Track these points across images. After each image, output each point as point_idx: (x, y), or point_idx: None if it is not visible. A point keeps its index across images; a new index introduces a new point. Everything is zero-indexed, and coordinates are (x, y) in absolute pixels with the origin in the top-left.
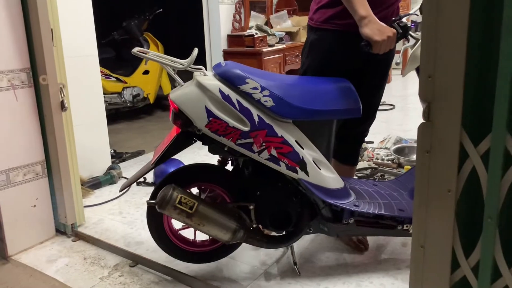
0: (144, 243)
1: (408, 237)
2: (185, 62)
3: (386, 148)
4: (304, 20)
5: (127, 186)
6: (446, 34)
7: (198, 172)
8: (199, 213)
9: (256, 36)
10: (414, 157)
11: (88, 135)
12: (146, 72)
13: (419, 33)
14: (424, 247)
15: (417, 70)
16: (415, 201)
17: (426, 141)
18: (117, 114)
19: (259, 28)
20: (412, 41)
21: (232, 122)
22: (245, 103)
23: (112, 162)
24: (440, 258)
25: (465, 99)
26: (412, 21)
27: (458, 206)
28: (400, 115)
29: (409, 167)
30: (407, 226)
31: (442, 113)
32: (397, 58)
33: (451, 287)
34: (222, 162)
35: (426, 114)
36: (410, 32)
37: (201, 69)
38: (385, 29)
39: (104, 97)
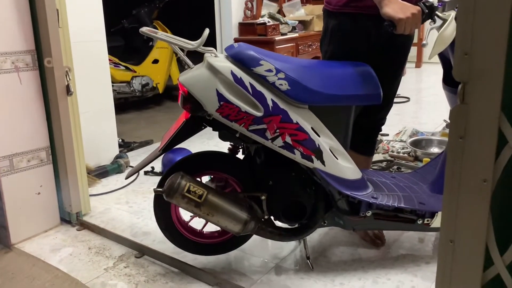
0: (151, 233)
1: (428, 232)
2: (195, 43)
3: (401, 140)
4: (317, 8)
5: (133, 173)
6: (485, 4)
7: (208, 160)
8: (208, 202)
9: (268, 24)
10: (432, 150)
11: (96, 123)
12: (155, 61)
13: (447, 13)
14: (454, 242)
15: (440, 55)
16: (445, 192)
17: (460, 126)
18: (126, 104)
19: (271, 17)
20: (438, 22)
21: (244, 107)
22: (259, 87)
23: (120, 151)
24: (471, 254)
25: (506, 79)
26: (439, 1)
27: (493, 197)
28: (414, 108)
29: (428, 159)
30: (427, 220)
31: (479, 94)
32: (424, 39)
33: (482, 286)
34: (233, 150)
35: (461, 95)
36: (436, 12)
37: (212, 50)
38: (408, 7)
39: (113, 86)
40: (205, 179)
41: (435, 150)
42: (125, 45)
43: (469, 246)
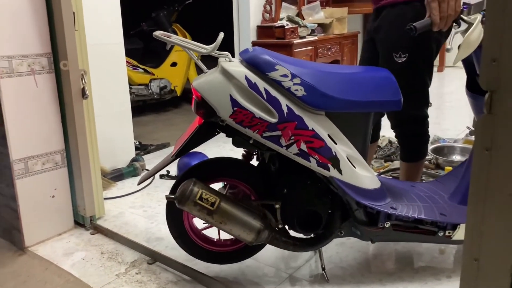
0: (164, 239)
1: (449, 244)
2: (209, 47)
3: None
4: (337, 11)
5: (146, 178)
6: None
7: (221, 166)
8: (221, 210)
9: (287, 27)
10: (454, 157)
11: (112, 126)
12: (174, 64)
13: (472, 17)
14: (479, 260)
15: (463, 60)
16: (469, 206)
17: (486, 137)
18: (144, 106)
19: (290, 19)
20: (463, 25)
21: (258, 113)
22: (274, 92)
23: (137, 154)
24: (497, 273)
25: None
26: (464, 3)
27: None
28: (436, 114)
29: (450, 168)
30: (449, 233)
31: (508, 104)
32: (448, 44)
33: None
34: (247, 157)
35: (488, 105)
36: (461, 16)
37: (226, 55)
38: None
39: (132, 88)
40: (218, 186)
41: (457, 158)
42: (144, 48)
43: (495, 266)
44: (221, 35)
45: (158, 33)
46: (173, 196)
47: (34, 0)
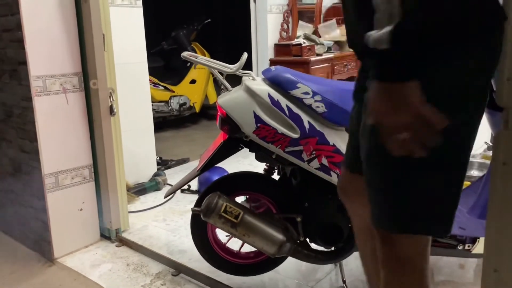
0: (187, 251)
1: (469, 258)
2: (234, 66)
3: None
4: None
5: (172, 193)
6: None
7: (244, 180)
8: (244, 223)
9: (303, 45)
10: (472, 172)
11: (135, 142)
12: (193, 82)
13: None
14: (498, 271)
15: None
16: (488, 219)
17: (503, 152)
18: (164, 122)
19: (307, 37)
20: None
21: (281, 129)
22: (295, 109)
23: (158, 169)
24: None
25: None
26: None
27: None
28: None
29: (468, 183)
30: (468, 246)
31: None
32: None
33: None
34: (269, 171)
35: (505, 121)
36: None
37: (250, 74)
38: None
39: (152, 105)
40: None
41: (475, 173)
42: (164, 65)
43: None
44: (245, 55)
45: (185, 54)
46: (198, 209)
47: (67, 23)
